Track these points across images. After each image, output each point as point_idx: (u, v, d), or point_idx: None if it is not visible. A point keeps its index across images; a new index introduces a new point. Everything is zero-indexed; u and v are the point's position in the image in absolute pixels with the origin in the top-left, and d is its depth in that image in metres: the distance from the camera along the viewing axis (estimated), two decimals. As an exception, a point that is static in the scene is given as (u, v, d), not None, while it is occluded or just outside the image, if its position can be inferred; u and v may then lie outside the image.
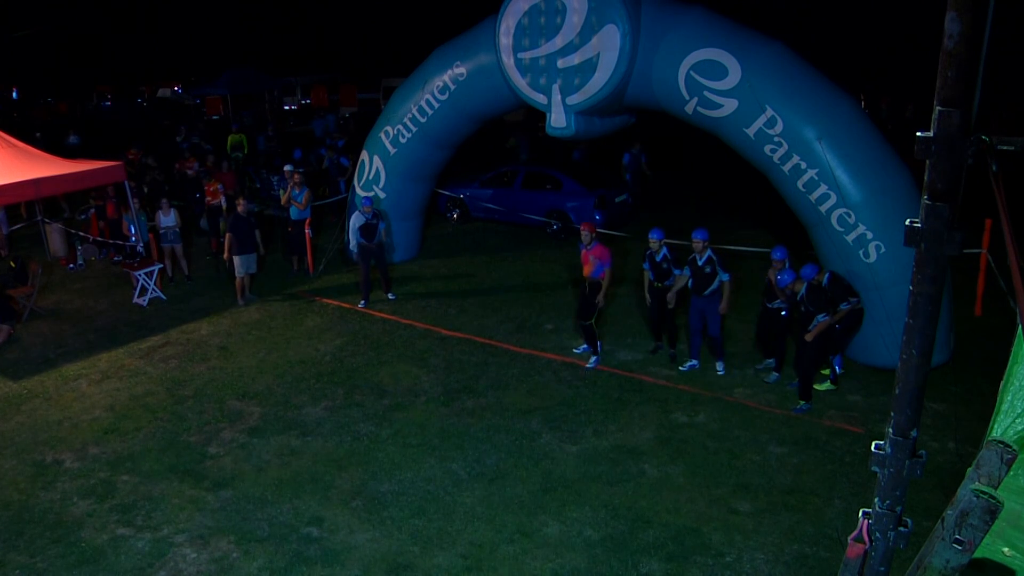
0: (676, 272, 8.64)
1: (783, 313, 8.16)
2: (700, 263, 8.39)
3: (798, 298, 7.68)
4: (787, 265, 7.94)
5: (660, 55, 9.25)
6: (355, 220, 11.00)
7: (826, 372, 8.30)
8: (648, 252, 8.81)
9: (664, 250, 8.68)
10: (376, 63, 45.20)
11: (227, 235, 11.04)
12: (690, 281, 8.53)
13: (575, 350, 9.34)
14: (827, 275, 7.99)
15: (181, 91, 51.42)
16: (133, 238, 12.02)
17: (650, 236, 8.77)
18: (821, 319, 7.53)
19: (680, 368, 8.80)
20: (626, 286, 11.71)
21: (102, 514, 6.34)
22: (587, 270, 8.80)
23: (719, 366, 8.59)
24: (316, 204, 13.69)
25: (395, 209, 12.59)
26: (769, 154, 8.71)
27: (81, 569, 5.69)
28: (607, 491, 6.49)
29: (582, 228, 8.86)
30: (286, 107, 43.26)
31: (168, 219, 11.94)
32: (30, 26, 44.84)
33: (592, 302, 8.80)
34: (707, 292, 8.39)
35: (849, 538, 2.84)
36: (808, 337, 7.62)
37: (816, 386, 8.07)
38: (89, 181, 11.46)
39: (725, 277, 8.33)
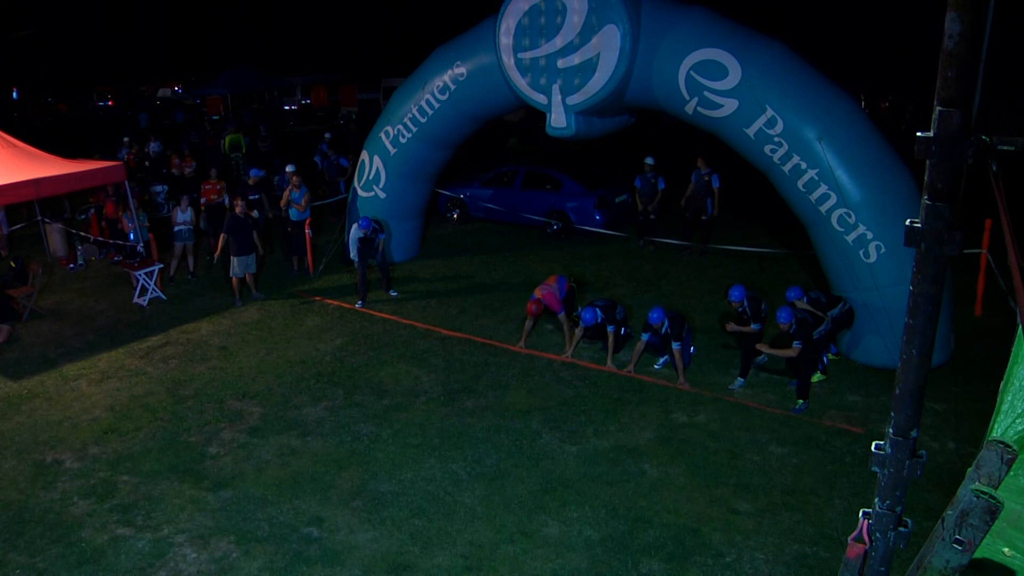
0: (755, 327, 8.22)
1: (755, 327, 8.25)
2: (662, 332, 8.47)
3: (790, 331, 7.70)
4: (743, 302, 8.24)
5: (660, 55, 9.25)
6: (354, 232, 11.05)
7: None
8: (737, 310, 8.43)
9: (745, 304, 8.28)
10: (376, 63, 45.22)
11: (222, 235, 11.08)
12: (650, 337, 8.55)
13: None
14: (805, 299, 8.30)
15: (181, 91, 51.49)
16: (132, 236, 12.03)
17: (731, 298, 8.32)
18: (796, 345, 7.66)
19: (655, 367, 8.80)
20: (628, 287, 11.71)
21: (102, 514, 6.34)
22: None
23: (675, 345, 8.38)
24: (315, 204, 13.69)
25: (395, 209, 12.60)
26: (769, 154, 8.71)
27: (81, 569, 5.69)
28: (607, 491, 6.49)
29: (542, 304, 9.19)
30: (286, 107, 43.31)
31: (185, 215, 12.02)
32: (30, 26, 44.85)
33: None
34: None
35: (849, 538, 2.84)
36: (760, 347, 8.10)
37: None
38: (89, 181, 11.46)
39: (676, 346, 8.34)
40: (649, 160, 13.28)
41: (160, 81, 54.14)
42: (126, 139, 19.53)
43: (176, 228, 12.08)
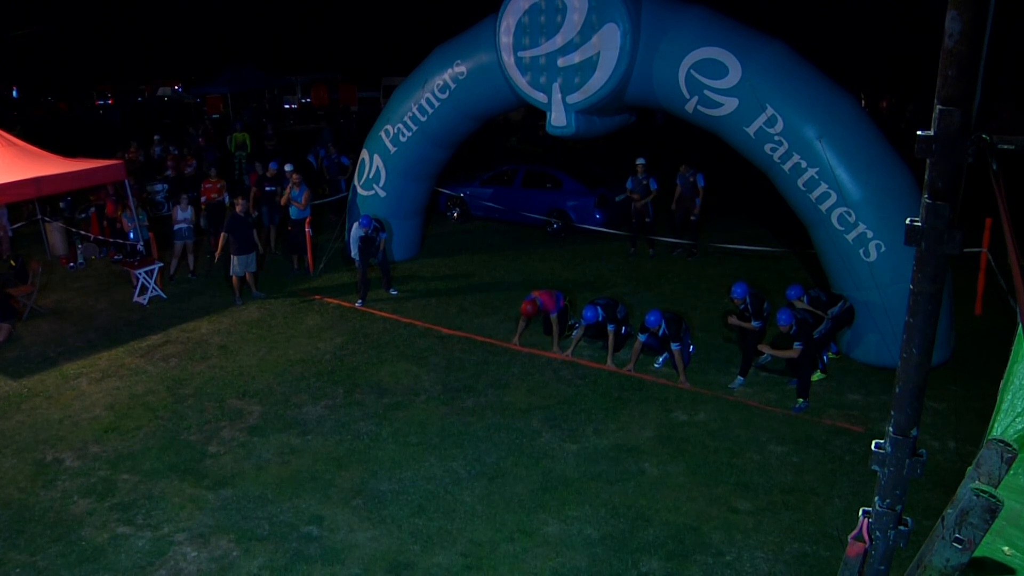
0: (756, 325, 8.25)
1: (756, 324, 8.25)
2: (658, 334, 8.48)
3: (791, 332, 7.70)
4: (746, 299, 8.25)
5: (660, 54, 9.24)
6: (355, 231, 11.06)
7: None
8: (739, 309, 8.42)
9: (747, 301, 8.28)
10: (376, 62, 45.20)
11: (222, 234, 11.08)
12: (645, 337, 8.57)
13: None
14: (806, 297, 8.32)
15: (181, 90, 51.44)
16: (132, 234, 12.02)
17: (734, 295, 8.35)
18: (797, 346, 7.66)
19: (655, 365, 8.82)
20: (628, 286, 11.71)
21: (102, 513, 6.35)
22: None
23: (674, 346, 8.33)
24: (316, 203, 13.68)
25: (395, 208, 12.59)
26: (769, 153, 8.71)
27: (81, 568, 5.69)
28: (607, 490, 6.49)
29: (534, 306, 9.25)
30: (286, 105, 43.28)
31: (185, 214, 12.03)
32: (30, 26, 44.82)
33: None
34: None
35: (849, 537, 2.84)
36: (762, 347, 8.10)
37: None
38: (90, 180, 11.46)
39: (675, 347, 8.32)
40: (640, 161, 12.96)
41: (160, 80, 54.09)
42: (157, 136, 20.30)
43: (176, 227, 12.09)
